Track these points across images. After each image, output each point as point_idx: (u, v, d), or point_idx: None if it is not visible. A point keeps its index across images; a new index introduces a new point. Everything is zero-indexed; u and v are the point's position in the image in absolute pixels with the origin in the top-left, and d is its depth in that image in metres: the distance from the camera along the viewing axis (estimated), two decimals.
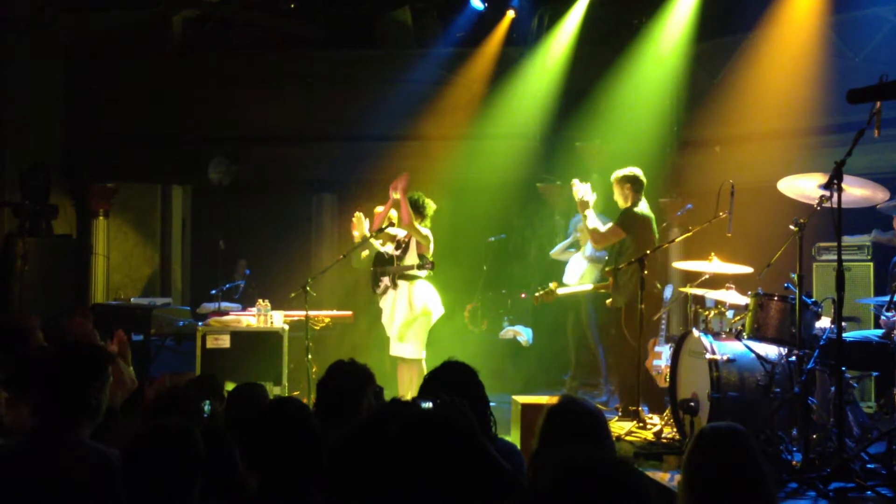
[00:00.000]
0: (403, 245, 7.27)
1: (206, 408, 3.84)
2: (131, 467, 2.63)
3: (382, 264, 7.33)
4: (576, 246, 8.42)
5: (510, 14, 10.26)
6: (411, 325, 7.13)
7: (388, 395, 3.81)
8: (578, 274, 8.21)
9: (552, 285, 7.22)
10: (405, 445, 2.32)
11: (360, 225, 7.29)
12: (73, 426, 2.96)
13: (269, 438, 2.65)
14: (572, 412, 2.89)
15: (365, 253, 7.46)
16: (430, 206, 7.26)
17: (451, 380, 3.29)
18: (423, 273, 7.17)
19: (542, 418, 2.90)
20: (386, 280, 7.26)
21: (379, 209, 7.40)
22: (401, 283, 7.18)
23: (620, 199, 6.88)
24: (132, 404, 4.40)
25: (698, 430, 2.82)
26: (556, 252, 8.67)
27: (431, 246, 7.19)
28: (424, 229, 7.19)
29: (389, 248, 7.33)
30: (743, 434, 2.69)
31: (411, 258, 7.20)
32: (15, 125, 9.66)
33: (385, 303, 7.29)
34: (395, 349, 7.20)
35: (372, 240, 7.26)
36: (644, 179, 6.82)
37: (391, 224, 7.25)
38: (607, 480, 1.80)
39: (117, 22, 10.31)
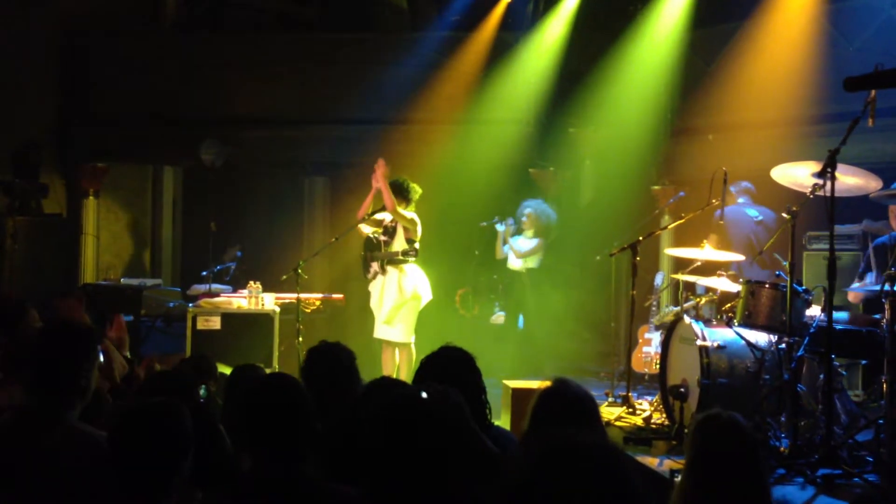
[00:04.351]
0: (391, 230, 7.27)
1: (203, 392, 3.83)
2: (117, 444, 2.61)
3: (371, 249, 7.33)
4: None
5: None
6: (400, 309, 7.14)
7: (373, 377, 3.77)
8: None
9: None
10: (374, 433, 2.29)
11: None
12: (62, 407, 2.94)
13: (260, 415, 2.63)
14: (564, 395, 2.90)
15: (369, 231, 7.41)
16: (416, 191, 7.25)
17: (447, 365, 3.27)
18: (411, 258, 7.18)
19: (533, 400, 2.91)
20: (375, 266, 7.27)
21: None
22: (389, 268, 7.18)
23: None
24: (126, 385, 4.40)
25: (702, 416, 2.84)
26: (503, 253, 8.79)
27: (419, 229, 7.19)
28: (410, 213, 7.18)
29: (374, 232, 7.34)
30: (743, 422, 2.75)
31: (399, 243, 7.20)
32: (6, 103, 9.58)
33: (374, 287, 7.30)
34: (383, 332, 7.21)
35: (360, 225, 7.26)
36: None
37: (379, 210, 7.26)
38: (592, 464, 1.80)
39: (111, 1, 10.23)
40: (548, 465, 1.79)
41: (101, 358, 4.18)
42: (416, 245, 7.17)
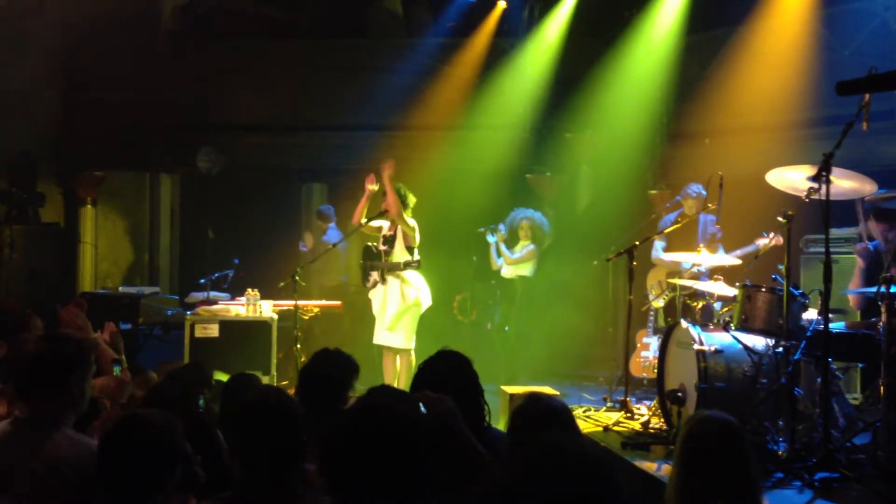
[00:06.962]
0: (390, 239, 7.27)
1: (202, 402, 3.83)
2: (106, 453, 2.62)
3: (370, 259, 7.33)
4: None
5: (501, 4, 10.26)
6: (403, 316, 7.14)
7: (373, 384, 3.78)
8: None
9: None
10: (343, 440, 2.29)
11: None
12: (56, 416, 2.95)
13: (249, 428, 2.65)
14: (534, 412, 2.93)
15: (378, 225, 7.39)
16: (411, 198, 7.26)
17: (445, 369, 3.30)
18: (414, 268, 7.18)
19: (508, 419, 2.95)
20: (375, 275, 7.26)
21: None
22: (389, 277, 7.18)
23: None
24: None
25: (691, 415, 2.87)
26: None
27: (417, 236, 7.20)
28: (411, 220, 7.20)
29: (373, 241, 7.34)
30: (730, 419, 2.77)
31: (399, 252, 7.20)
32: (3, 112, 9.59)
33: (375, 295, 7.29)
34: (384, 338, 7.21)
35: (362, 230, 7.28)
36: None
37: (376, 216, 7.26)
38: (576, 472, 1.81)
39: (107, 9, 10.24)
40: (534, 476, 1.79)
41: (117, 372, 4.17)
42: (417, 254, 7.18)
